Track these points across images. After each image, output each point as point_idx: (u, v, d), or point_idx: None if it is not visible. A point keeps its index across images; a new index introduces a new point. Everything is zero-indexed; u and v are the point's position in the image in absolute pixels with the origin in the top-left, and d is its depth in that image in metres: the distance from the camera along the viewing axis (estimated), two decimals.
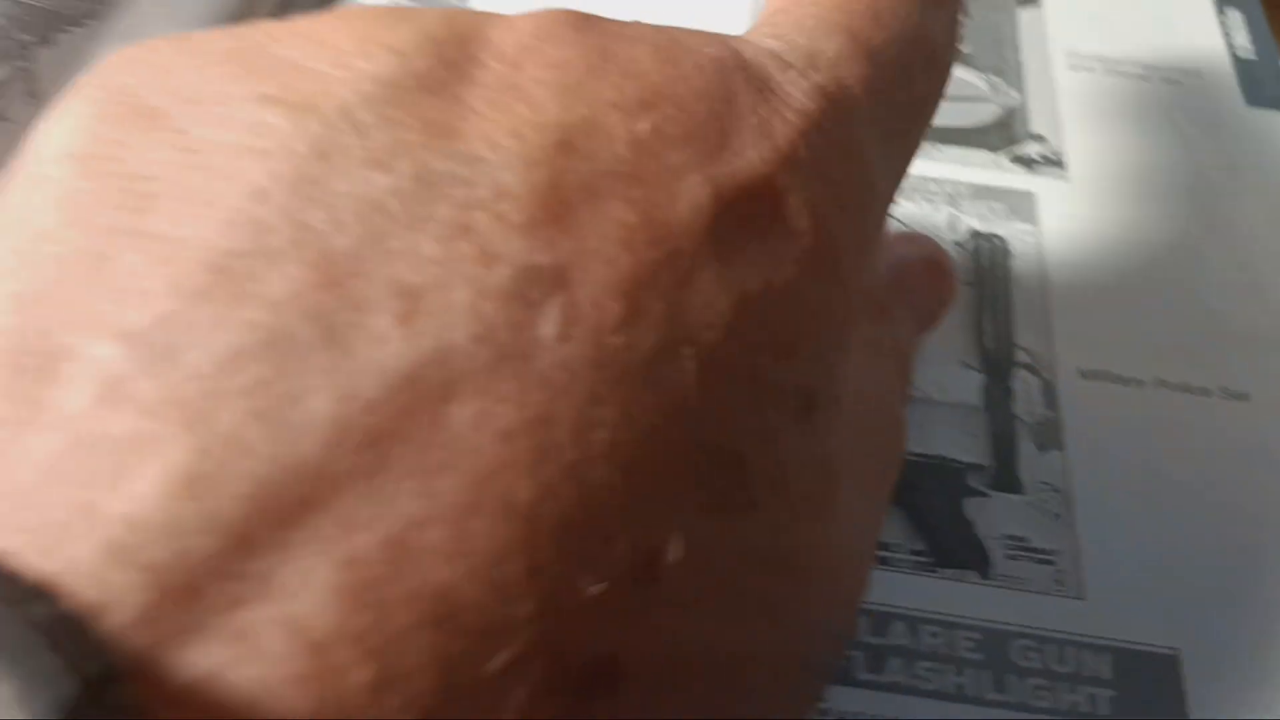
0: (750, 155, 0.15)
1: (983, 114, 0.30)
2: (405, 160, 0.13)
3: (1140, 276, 0.27)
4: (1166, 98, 0.31)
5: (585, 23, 0.16)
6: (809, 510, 0.15)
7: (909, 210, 0.28)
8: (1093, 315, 0.26)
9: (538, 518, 0.12)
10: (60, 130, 0.14)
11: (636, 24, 0.16)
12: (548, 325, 0.12)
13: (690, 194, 0.14)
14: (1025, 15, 0.33)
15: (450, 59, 0.15)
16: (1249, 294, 0.26)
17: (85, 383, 0.12)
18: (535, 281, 0.13)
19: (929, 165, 0.29)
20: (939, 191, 0.28)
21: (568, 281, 0.13)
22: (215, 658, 0.10)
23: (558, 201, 0.13)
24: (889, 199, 0.19)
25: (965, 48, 0.32)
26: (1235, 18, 0.33)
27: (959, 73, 0.31)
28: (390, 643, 0.11)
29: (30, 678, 0.09)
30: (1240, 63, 0.32)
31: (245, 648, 0.10)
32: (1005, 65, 0.32)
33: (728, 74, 0.16)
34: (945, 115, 0.29)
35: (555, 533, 0.12)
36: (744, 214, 0.14)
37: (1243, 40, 0.32)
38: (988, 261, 0.27)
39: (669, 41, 0.16)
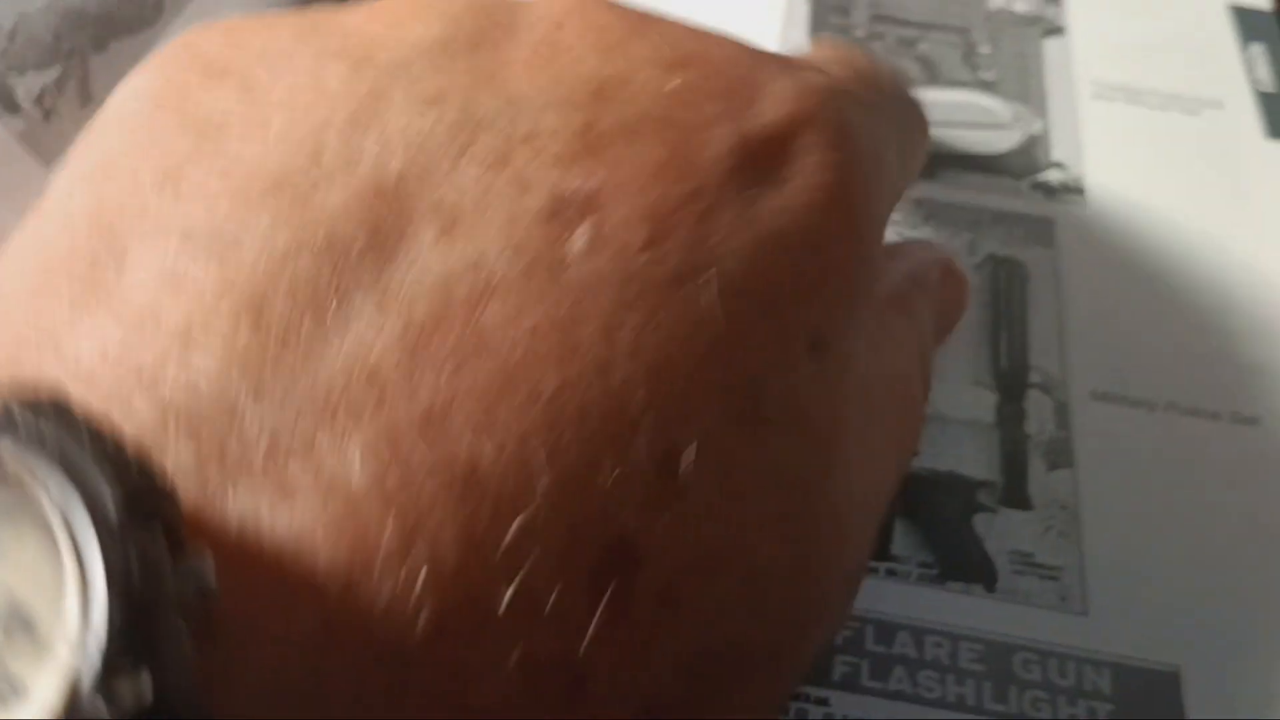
0: (773, 114, 0.16)
1: (1006, 141, 0.31)
2: (453, 100, 0.15)
3: (1155, 302, 0.27)
4: (1187, 129, 0.31)
5: (620, 3, 0.17)
6: (817, 443, 0.16)
7: (929, 234, 0.28)
8: (1107, 339, 0.26)
9: (562, 405, 0.13)
10: (137, 80, 0.16)
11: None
12: (578, 241, 0.14)
13: (717, 140, 0.15)
14: (1051, 44, 0.34)
15: (498, 20, 0.16)
16: (1262, 323, 0.27)
17: (150, 272, 0.13)
18: (568, 205, 0.14)
19: (952, 191, 0.29)
20: (960, 217, 0.29)
21: (599, 206, 0.14)
22: (257, 504, 0.12)
23: (594, 139, 0.15)
24: (902, 180, 0.20)
25: (991, 75, 0.32)
26: (1258, 51, 0.34)
27: (985, 100, 0.32)
28: (417, 502, 0.12)
29: (81, 487, 0.09)
30: (1262, 96, 0.32)
31: (285, 497, 0.12)
32: (1030, 93, 0.32)
33: (753, 52, 0.17)
34: (970, 142, 0.30)
35: (578, 420, 0.13)
36: (766, 164, 0.16)
37: (1264, 74, 0.33)
38: (1005, 285, 0.27)
39: (700, 27, 0.18)
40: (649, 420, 0.13)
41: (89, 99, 0.28)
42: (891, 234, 0.21)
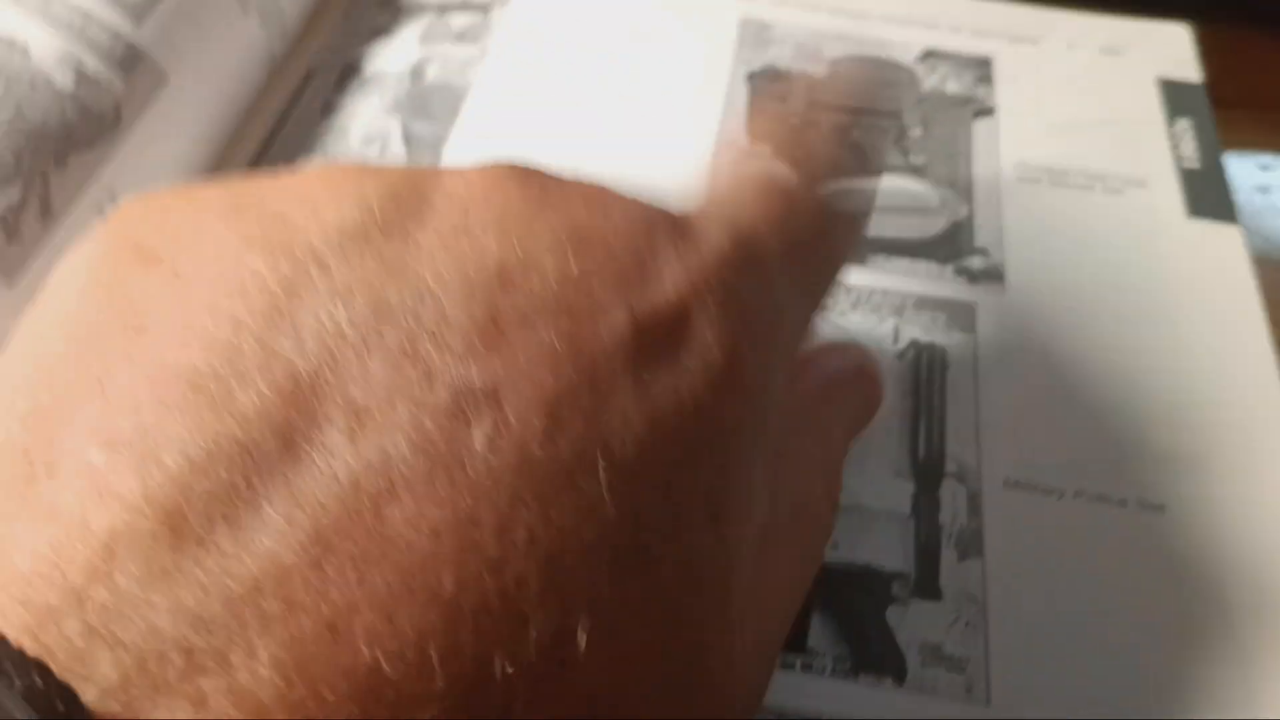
0: (667, 288, 0.17)
1: (932, 226, 0.32)
2: (363, 292, 0.16)
3: (1068, 389, 0.28)
4: (1109, 209, 0.32)
5: (527, 175, 0.18)
6: (712, 604, 0.17)
7: (856, 321, 0.29)
8: (1021, 426, 0.27)
9: (459, 605, 0.14)
10: (73, 269, 0.17)
11: (573, 179, 0.18)
12: (479, 438, 0.14)
13: (612, 323, 0.16)
14: (980, 126, 0.35)
15: (407, 206, 0.17)
16: (1171, 409, 0.28)
17: (78, 482, 0.14)
18: (470, 399, 0.15)
19: (877, 277, 0.30)
20: (885, 303, 0.30)
21: (499, 400, 0.15)
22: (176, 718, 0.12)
23: (494, 329, 0.15)
24: (801, 329, 0.21)
25: (920, 160, 0.33)
26: (1184, 126, 0.35)
27: (913, 186, 0.33)
28: (320, 711, 0.13)
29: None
30: (1185, 173, 0.33)
31: (201, 711, 0.12)
32: (957, 178, 0.33)
33: (651, 219, 0.18)
34: (896, 228, 0.31)
35: (474, 618, 0.14)
36: (659, 339, 0.16)
37: (1190, 150, 0.34)
38: (926, 372, 0.28)
39: (600, 191, 0.18)
40: (542, 612, 0.14)
41: (49, 215, 0.30)
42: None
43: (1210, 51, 0.38)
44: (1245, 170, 0.37)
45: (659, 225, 0.18)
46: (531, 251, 0.17)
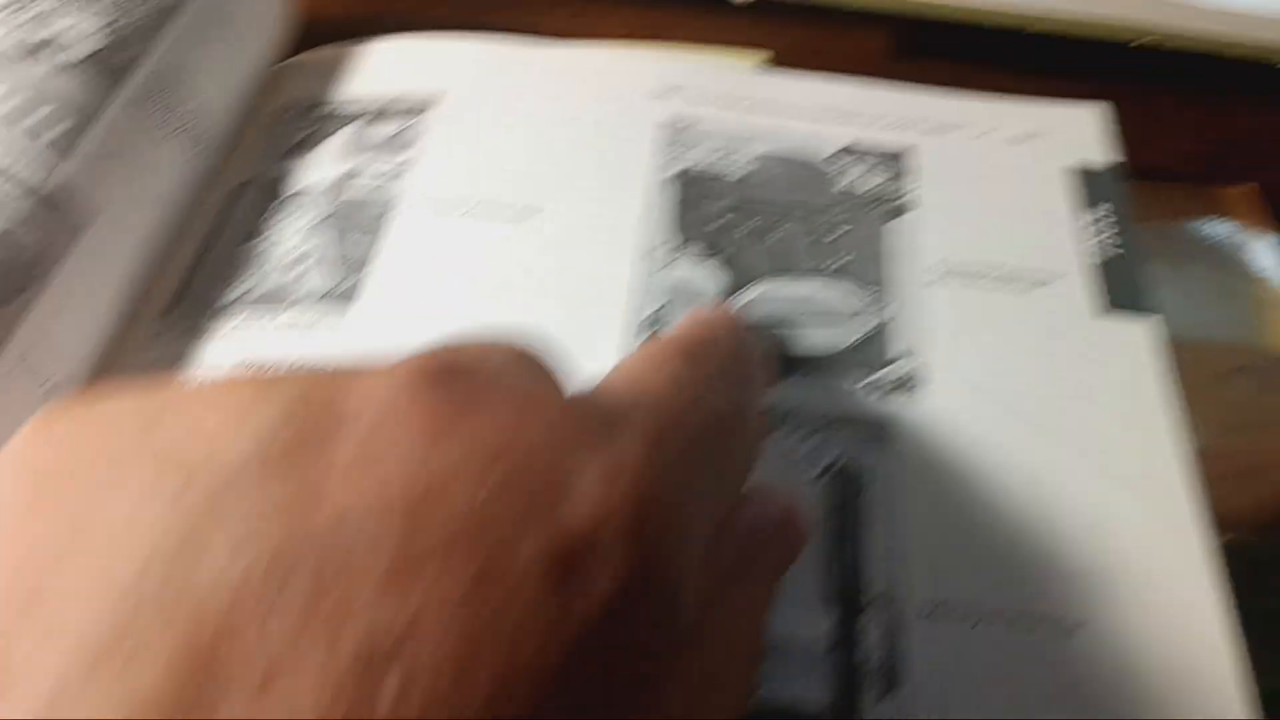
0: (582, 507, 0.17)
1: (851, 334, 0.32)
2: (268, 535, 0.15)
3: (984, 504, 0.28)
4: (1024, 306, 0.33)
5: (439, 379, 0.18)
6: None
7: (775, 441, 0.30)
8: (938, 547, 0.28)
9: None
10: None
11: (496, 374, 0.18)
12: (389, 687, 0.14)
13: (528, 548, 0.16)
14: (898, 224, 0.35)
15: (313, 429, 0.17)
16: (1085, 526, 0.28)
17: None
18: (379, 647, 0.14)
19: (796, 395, 0.31)
20: (804, 423, 0.30)
21: (410, 640, 0.15)
22: None
23: (403, 568, 0.15)
24: (725, 493, 0.21)
25: (839, 263, 0.34)
26: (1098, 214, 0.35)
27: (831, 291, 0.33)
28: None
29: None
30: (1100, 264, 0.34)
31: None
32: (875, 279, 0.33)
33: (567, 425, 0.18)
34: (816, 340, 0.32)
35: None
36: (575, 560, 0.16)
37: (1103, 239, 0.34)
38: (844, 494, 0.29)
39: (522, 396, 0.18)
40: None
41: None
42: None
43: (1130, 122, 0.38)
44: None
45: (574, 432, 0.18)
46: (442, 477, 0.16)
